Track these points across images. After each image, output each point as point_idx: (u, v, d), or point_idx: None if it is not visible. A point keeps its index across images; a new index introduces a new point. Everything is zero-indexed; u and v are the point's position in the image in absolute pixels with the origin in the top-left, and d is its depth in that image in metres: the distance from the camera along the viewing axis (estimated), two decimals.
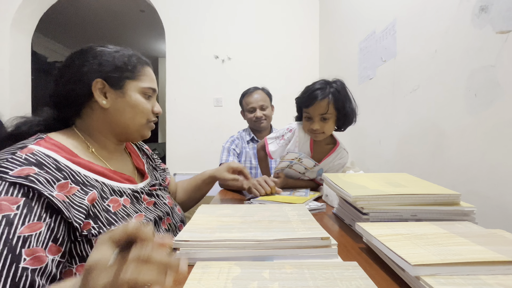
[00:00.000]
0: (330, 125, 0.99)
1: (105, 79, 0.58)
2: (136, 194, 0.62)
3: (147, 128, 0.66)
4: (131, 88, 0.61)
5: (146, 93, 0.64)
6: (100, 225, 0.50)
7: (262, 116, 1.55)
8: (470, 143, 0.86)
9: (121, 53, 0.62)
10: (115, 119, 0.61)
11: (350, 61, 1.86)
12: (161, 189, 0.74)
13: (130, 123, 0.62)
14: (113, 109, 0.60)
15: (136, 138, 0.66)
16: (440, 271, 0.37)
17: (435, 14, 1.04)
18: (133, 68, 0.62)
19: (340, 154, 1.09)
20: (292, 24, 2.61)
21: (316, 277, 0.38)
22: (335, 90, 0.95)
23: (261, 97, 1.57)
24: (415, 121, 1.16)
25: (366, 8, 1.64)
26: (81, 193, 0.50)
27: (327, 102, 0.94)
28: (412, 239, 0.46)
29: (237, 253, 0.44)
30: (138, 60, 0.64)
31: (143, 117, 0.64)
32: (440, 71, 1.01)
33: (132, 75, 0.61)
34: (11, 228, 0.39)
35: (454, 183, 0.92)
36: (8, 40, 2.32)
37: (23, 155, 0.46)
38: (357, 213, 0.63)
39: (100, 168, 0.57)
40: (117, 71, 0.59)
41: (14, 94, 2.36)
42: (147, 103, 0.64)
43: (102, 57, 0.60)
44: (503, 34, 0.75)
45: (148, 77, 0.65)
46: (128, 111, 0.61)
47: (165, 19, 2.58)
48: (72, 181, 0.50)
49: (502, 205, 0.75)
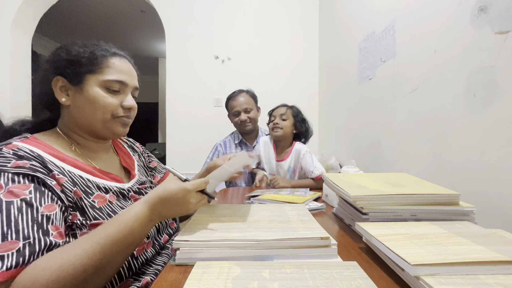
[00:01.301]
0: (287, 123, 1.36)
1: (64, 75, 0.56)
2: (123, 191, 0.61)
3: (116, 124, 0.61)
4: (91, 82, 0.57)
5: (110, 87, 0.58)
6: (86, 218, 0.50)
7: (247, 119, 1.57)
8: (470, 143, 0.86)
9: (80, 46, 0.58)
10: (78, 116, 0.58)
11: (349, 61, 1.86)
12: (152, 187, 0.73)
13: (92, 120, 0.58)
14: (73, 106, 0.58)
15: (106, 135, 0.62)
16: (440, 271, 0.37)
17: (434, 15, 1.04)
18: (93, 61, 0.57)
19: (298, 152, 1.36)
20: (292, 24, 2.61)
21: (316, 277, 0.38)
22: (294, 107, 1.43)
23: (245, 100, 1.58)
24: (415, 121, 1.16)
25: (366, 8, 1.64)
26: (69, 184, 0.51)
27: (286, 108, 1.40)
28: (411, 239, 0.46)
29: (237, 253, 0.44)
30: (102, 52, 0.59)
31: (105, 113, 0.58)
32: (439, 71, 1.01)
33: (92, 69, 0.57)
34: (33, 208, 0.41)
35: (454, 183, 0.92)
36: (8, 40, 2.32)
37: (10, 150, 0.47)
38: (357, 213, 0.63)
39: (85, 166, 0.57)
40: (73, 65, 0.56)
41: (14, 94, 2.36)
42: (109, 97, 0.58)
43: (60, 53, 0.57)
44: (502, 34, 0.75)
45: (113, 69, 0.59)
46: (87, 107, 0.57)
47: (165, 19, 2.58)
48: (59, 172, 0.50)
49: (502, 205, 0.75)
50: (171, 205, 0.49)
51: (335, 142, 2.14)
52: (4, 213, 0.38)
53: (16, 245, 0.37)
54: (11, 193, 0.41)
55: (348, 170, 1.07)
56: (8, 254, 0.36)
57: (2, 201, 0.39)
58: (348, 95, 1.88)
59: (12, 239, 0.37)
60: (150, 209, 0.48)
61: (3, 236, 0.37)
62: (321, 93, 2.52)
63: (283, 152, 1.40)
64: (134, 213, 0.47)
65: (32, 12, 2.46)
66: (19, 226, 0.38)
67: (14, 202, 0.40)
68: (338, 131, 2.09)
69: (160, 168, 0.86)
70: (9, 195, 0.40)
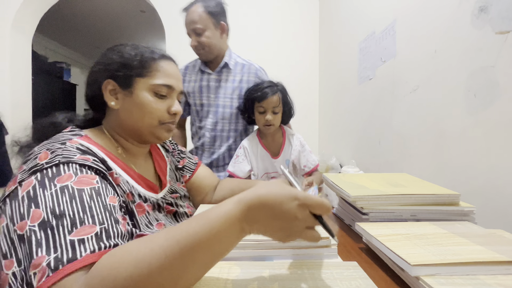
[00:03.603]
0: (278, 117, 1.12)
1: (114, 78, 0.56)
2: (159, 202, 0.61)
3: (161, 130, 0.60)
4: (140, 86, 0.56)
5: (158, 91, 0.57)
6: (135, 224, 0.51)
7: (196, 44, 1.15)
8: (470, 143, 0.86)
9: (130, 49, 0.57)
10: (125, 120, 0.58)
11: (350, 61, 1.86)
12: (181, 196, 0.71)
13: (139, 125, 0.58)
14: (122, 109, 0.57)
15: (150, 140, 0.62)
16: (440, 271, 0.37)
17: (434, 15, 1.04)
18: (143, 64, 0.56)
19: (292, 140, 1.19)
20: (292, 24, 2.61)
21: (316, 277, 0.38)
22: (282, 88, 1.14)
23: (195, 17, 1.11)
24: (415, 121, 1.16)
25: (366, 9, 1.64)
26: (123, 185, 0.51)
27: (278, 97, 1.09)
28: (411, 239, 0.46)
29: (237, 253, 0.44)
30: (151, 54, 0.57)
31: (153, 118, 0.58)
32: (439, 72, 1.01)
33: (142, 72, 0.56)
34: (102, 197, 0.42)
35: (454, 183, 0.92)
36: (9, 40, 2.32)
37: (74, 145, 0.48)
38: (357, 213, 0.63)
39: (130, 171, 0.57)
40: (123, 68, 0.55)
41: (14, 95, 2.36)
42: (158, 103, 0.58)
43: (111, 55, 0.57)
44: (502, 34, 0.75)
45: (162, 72, 0.58)
46: (135, 112, 0.57)
47: (165, 19, 2.58)
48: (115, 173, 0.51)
49: (502, 205, 0.75)
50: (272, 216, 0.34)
51: (335, 142, 2.14)
52: (77, 200, 0.39)
53: (94, 229, 0.37)
54: (81, 182, 0.41)
55: (348, 170, 1.07)
56: (88, 238, 0.35)
57: (75, 189, 0.40)
58: (348, 95, 1.88)
59: (89, 223, 0.37)
60: (243, 212, 0.34)
61: (80, 221, 0.37)
62: (321, 93, 2.52)
63: (275, 146, 1.19)
64: (224, 212, 0.34)
65: (32, 12, 2.46)
66: (93, 212, 0.38)
67: (85, 190, 0.40)
68: (338, 131, 2.09)
69: (190, 164, 0.81)
70: (80, 183, 0.41)
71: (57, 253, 0.33)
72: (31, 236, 0.34)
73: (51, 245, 0.34)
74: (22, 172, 0.41)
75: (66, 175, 0.41)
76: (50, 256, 0.33)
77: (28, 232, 0.35)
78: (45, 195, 0.38)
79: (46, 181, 0.39)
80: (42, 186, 0.39)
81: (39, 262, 0.32)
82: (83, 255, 0.33)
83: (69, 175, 0.41)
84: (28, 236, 0.35)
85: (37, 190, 0.38)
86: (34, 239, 0.34)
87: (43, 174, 0.40)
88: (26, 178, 0.40)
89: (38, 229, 0.35)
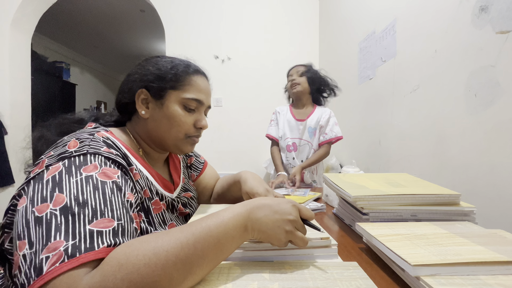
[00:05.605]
0: (303, 79, 1.43)
1: (148, 88, 0.57)
2: (174, 202, 0.63)
3: (186, 143, 0.61)
4: (172, 98, 0.58)
5: (188, 105, 0.59)
6: (150, 221, 0.51)
7: None
8: (470, 143, 0.86)
9: (167, 62, 0.59)
10: (153, 130, 0.59)
11: (350, 61, 1.86)
12: (193, 197, 0.73)
13: (165, 136, 0.59)
14: (151, 119, 0.59)
15: (173, 151, 0.63)
16: (440, 271, 0.37)
17: (435, 14, 1.04)
18: (177, 77, 0.58)
19: (322, 112, 1.45)
20: (292, 24, 2.61)
21: (316, 277, 0.38)
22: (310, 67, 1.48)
23: None
24: (415, 121, 1.16)
25: (366, 8, 1.64)
26: (142, 181, 0.53)
27: (303, 67, 1.47)
28: (412, 239, 0.46)
29: (237, 253, 0.44)
30: (185, 69, 0.60)
31: (180, 131, 0.59)
32: (440, 71, 1.01)
33: (175, 85, 0.58)
34: (121, 193, 0.42)
35: (454, 183, 0.92)
36: (8, 40, 2.32)
37: (100, 137, 0.49)
38: (357, 213, 0.63)
39: (150, 169, 0.59)
40: (158, 80, 0.57)
41: (14, 94, 2.36)
42: (187, 116, 0.59)
43: (148, 66, 0.59)
44: (503, 34, 0.75)
45: (194, 87, 0.60)
46: (164, 123, 0.58)
47: (165, 19, 2.58)
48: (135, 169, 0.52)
49: (502, 205, 0.75)
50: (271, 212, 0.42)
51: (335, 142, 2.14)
52: (100, 191, 0.39)
53: (112, 224, 0.37)
54: (105, 174, 0.42)
55: (349, 170, 1.07)
56: (107, 231, 0.36)
57: (98, 180, 0.40)
58: (348, 95, 1.88)
59: (108, 217, 0.37)
60: (247, 210, 0.41)
61: (101, 213, 0.37)
62: None
63: (304, 112, 1.47)
64: (231, 210, 0.41)
65: (32, 11, 2.45)
66: (113, 206, 0.39)
67: (107, 183, 0.41)
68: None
69: (198, 163, 0.82)
70: (103, 176, 0.41)
71: (75, 240, 0.33)
72: (51, 219, 0.34)
73: (70, 231, 0.34)
74: (50, 157, 0.42)
75: (92, 165, 0.41)
76: (69, 242, 0.33)
77: (48, 215, 0.35)
78: (70, 181, 0.38)
79: (72, 168, 0.40)
80: (68, 173, 0.39)
81: (56, 246, 0.32)
82: (101, 246, 0.34)
83: (95, 166, 0.42)
84: (47, 219, 0.34)
85: (63, 175, 0.39)
86: (54, 223, 0.34)
87: (71, 161, 0.41)
88: (54, 163, 0.40)
89: (59, 214, 0.35)
